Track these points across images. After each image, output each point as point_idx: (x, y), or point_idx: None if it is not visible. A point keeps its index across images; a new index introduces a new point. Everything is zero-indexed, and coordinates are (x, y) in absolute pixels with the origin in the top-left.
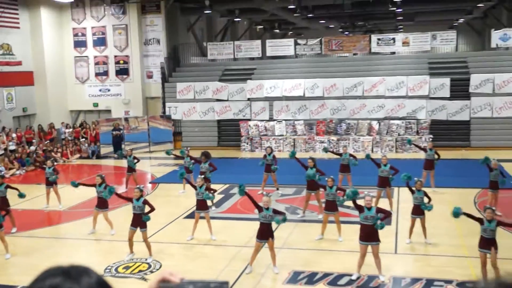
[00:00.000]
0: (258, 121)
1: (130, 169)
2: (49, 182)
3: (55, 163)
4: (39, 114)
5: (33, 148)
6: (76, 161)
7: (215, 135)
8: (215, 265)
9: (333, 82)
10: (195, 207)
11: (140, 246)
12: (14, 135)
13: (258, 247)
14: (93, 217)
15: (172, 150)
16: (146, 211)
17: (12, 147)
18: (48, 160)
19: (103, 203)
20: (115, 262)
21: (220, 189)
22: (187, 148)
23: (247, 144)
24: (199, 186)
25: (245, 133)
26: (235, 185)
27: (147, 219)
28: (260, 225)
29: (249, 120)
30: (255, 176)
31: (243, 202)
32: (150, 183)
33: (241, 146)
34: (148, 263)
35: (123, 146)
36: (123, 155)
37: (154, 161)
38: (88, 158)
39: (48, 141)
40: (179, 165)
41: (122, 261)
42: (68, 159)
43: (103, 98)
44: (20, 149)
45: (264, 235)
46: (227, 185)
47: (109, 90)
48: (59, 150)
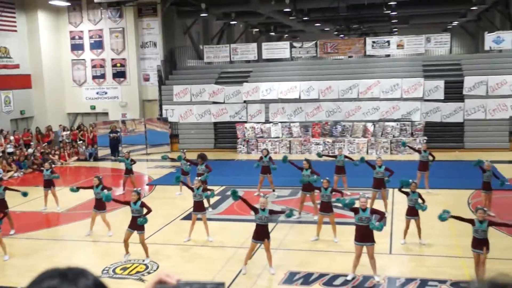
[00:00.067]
0: (254, 123)
1: (128, 171)
2: (47, 184)
3: (53, 166)
4: (36, 116)
5: (31, 151)
6: (74, 163)
7: (212, 137)
8: (212, 266)
9: (329, 84)
10: (192, 208)
11: (137, 248)
12: (12, 137)
13: (253, 248)
14: (91, 218)
15: (168, 155)
16: (144, 213)
17: (10, 150)
18: (46, 163)
19: (101, 204)
20: (112, 263)
21: (217, 191)
22: (184, 151)
23: (243, 146)
24: (196, 188)
25: (241, 135)
26: (232, 186)
27: (143, 222)
28: (256, 226)
29: (245, 122)
30: (251, 178)
31: (240, 203)
32: (147, 185)
33: (237, 148)
34: (145, 264)
35: (120, 149)
36: (121, 160)
37: (151, 163)
38: (86, 160)
39: (46, 144)
40: (176, 167)
41: (119, 262)
42: (65, 161)
43: (100, 100)
44: (18, 152)
45: (260, 236)
46: (223, 187)
47: (106, 93)
48: (57, 153)
